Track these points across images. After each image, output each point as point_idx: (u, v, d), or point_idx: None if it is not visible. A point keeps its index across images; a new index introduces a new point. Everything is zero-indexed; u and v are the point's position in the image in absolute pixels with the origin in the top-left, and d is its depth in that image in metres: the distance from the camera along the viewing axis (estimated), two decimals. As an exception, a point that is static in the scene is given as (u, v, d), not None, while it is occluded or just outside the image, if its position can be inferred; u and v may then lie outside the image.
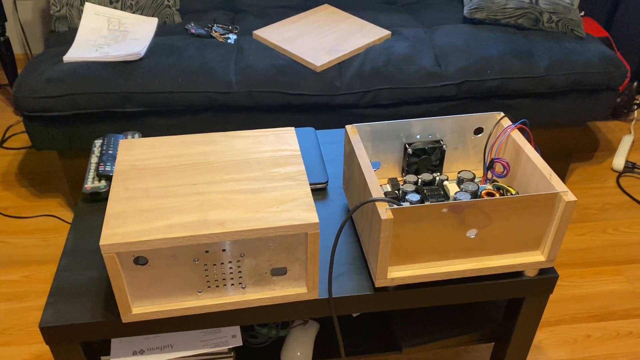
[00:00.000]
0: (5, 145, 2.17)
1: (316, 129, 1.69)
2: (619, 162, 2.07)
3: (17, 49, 2.54)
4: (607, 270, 1.70)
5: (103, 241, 0.77)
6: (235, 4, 2.03)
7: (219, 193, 0.85)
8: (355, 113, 1.70)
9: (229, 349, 0.99)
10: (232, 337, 0.99)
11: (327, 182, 1.12)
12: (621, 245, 1.78)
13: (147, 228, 0.79)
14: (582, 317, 1.56)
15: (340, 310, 0.94)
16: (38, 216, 1.86)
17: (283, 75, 1.64)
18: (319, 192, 1.12)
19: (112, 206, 0.82)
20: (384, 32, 1.80)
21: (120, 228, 0.79)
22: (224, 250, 0.82)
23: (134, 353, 0.96)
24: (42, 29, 2.53)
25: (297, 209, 0.83)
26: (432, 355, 1.44)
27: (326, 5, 1.98)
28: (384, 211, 0.83)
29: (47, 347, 1.47)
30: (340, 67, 1.68)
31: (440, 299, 0.96)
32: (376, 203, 0.85)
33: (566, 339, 1.50)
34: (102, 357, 0.99)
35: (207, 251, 0.81)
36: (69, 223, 1.83)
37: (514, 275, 0.96)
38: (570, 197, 0.86)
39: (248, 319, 0.92)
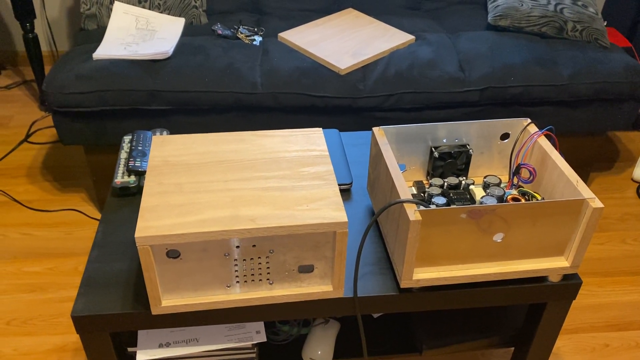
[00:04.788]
0: (30, 140, 2.21)
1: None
2: (639, 172, 2.06)
3: (44, 46, 2.58)
4: (626, 280, 1.69)
5: (138, 233, 0.79)
6: (260, 6, 2.06)
7: (250, 190, 0.87)
8: (377, 116, 1.71)
9: (252, 344, 1.01)
10: (256, 333, 1.00)
11: (351, 183, 1.14)
12: (641, 256, 1.77)
13: (180, 222, 0.81)
14: (601, 326, 1.55)
15: (364, 310, 0.95)
16: (62, 210, 1.89)
17: (307, 77, 1.66)
18: (343, 193, 1.14)
19: (147, 200, 0.84)
20: (407, 37, 1.81)
21: (154, 221, 0.81)
22: (254, 246, 0.84)
23: (160, 345, 0.98)
24: (69, 27, 2.57)
25: (326, 208, 0.85)
26: (450, 358, 1.45)
27: (350, 9, 1.99)
28: (412, 212, 0.85)
29: (70, 338, 1.49)
30: (364, 70, 1.70)
31: (464, 302, 0.97)
32: (404, 204, 0.86)
33: (584, 347, 1.50)
34: (128, 349, 1.01)
35: (237, 246, 0.83)
36: (92, 218, 1.86)
37: (538, 280, 0.97)
38: (597, 203, 0.87)
39: (274, 315, 0.93)
